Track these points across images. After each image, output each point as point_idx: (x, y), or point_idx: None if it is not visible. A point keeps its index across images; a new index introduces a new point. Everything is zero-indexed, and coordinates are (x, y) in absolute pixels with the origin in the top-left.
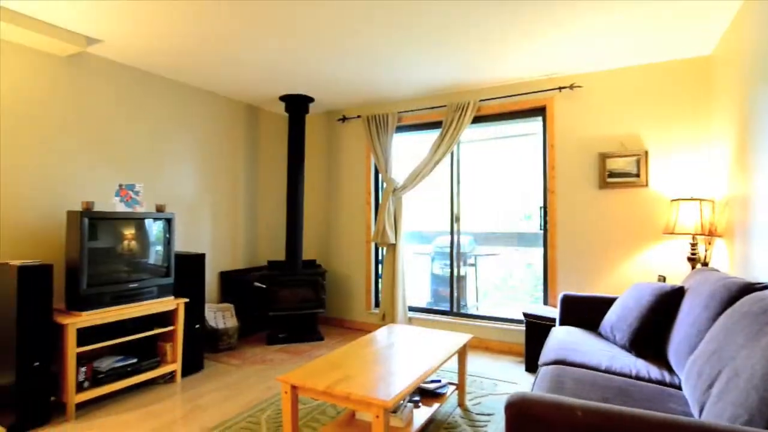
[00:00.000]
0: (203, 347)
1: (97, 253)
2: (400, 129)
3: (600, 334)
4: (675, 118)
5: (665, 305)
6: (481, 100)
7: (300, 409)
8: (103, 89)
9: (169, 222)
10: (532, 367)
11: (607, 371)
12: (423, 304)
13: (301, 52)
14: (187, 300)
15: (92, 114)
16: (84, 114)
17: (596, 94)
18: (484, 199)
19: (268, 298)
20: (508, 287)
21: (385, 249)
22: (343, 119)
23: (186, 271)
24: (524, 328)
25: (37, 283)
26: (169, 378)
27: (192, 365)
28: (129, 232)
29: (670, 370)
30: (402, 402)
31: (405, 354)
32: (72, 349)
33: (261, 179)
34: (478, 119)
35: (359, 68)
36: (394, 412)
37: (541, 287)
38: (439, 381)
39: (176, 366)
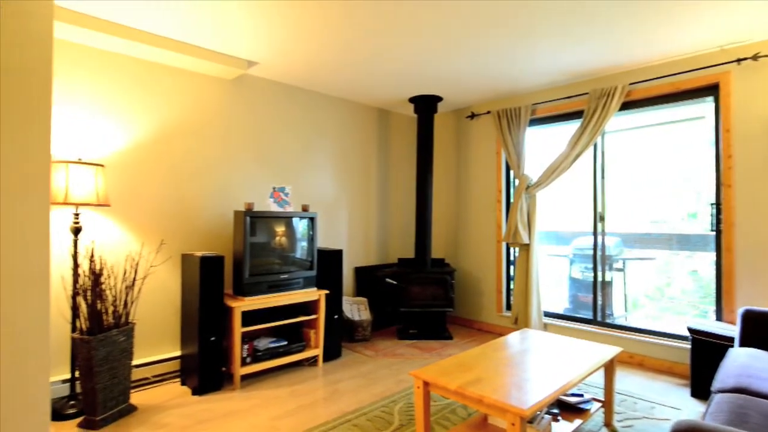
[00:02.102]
0: (341, 336)
1: (256, 247)
2: (534, 122)
3: None
4: None
5: None
6: (631, 84)
7: (431, 405)
8: (259, 105)
9: (312, 220)
10: (700, 392)
11: None
12: (560, 310)
13: (430, 53)
14: (327, 292)
15: (251, 127)
16: (244, 127)
17: None
18: (635, 196)
19: (399, 295)
20: (664, 297)
21: (517, 249)
22: (472, 116)
23: (326, 266)
24: (689, 346)
25: (213, 272)
26: (312, 361)
27: (331, 352)
28: (280, 229)
29: None
30: (539, 413)
31: (542, 362)
32: (238, 329)
33: (392, 179)
34: (627, 105)
35: (491, 62)
36: (531, 422)
37: (710, 299)
38: (582, 395)
39: (318, 351)
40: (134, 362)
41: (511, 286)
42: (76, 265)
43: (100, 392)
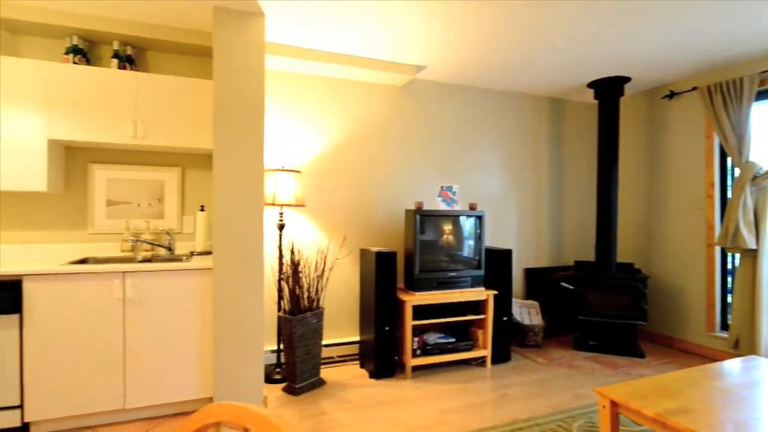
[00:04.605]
0: (510, 340)
1: (425, 245)
2: (762, 95)
3: None
4: None
5: None
6: None
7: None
8: (426, 107)
9: (480, 219)
10: None
11: None
12: None
13: (616, 28)
14: (496, 292)
15: (419, 129)
16: (413, 130)
17: None
18: None
19: (577, 301)
20: None
21: (738, 256)
22: (671, 95)
23: (494, 265)
24: None
25: (387, 266)
26: (480, 362)
27: (500, 355)
28: (447, 227)
29: None
30: None
31: None
32: (409, 321)
33: (566, 175)
34: None
35: (698, 26)
36: None
37: None
38: None
39: (486, 352)
40: (323, 342)
41: (729, 301)
42: (281, 256)
43: (299, 364)
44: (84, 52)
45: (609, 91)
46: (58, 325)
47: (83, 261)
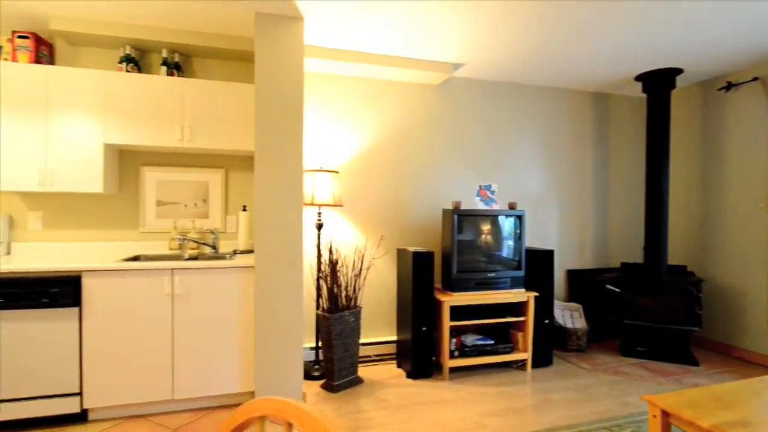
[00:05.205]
0: (552, 343)
1: (463, 245)
2: None
3: None
4: None
5: None
6: None
7: None
8: (463, 105)
9: (519, 219)
10: None
11: None
12: None
13: (670, 16)
14: (536, 294)
15: (456, 127)
16: (450, 128)
17: None
18: None
19: (623, 305)
20: None
21: None
22: (728, 87)
23: (534, 266)
24: None
25: (424, 266)
26: (520, 365)
27: (541, 359)
28: (486, 227)
29: None
30: None
31: None
32: (446, 322)
33: (612, 172)
34: None
35: (760, 8)
36: None
37: None
38: None
39: (527, 355)
40: (360, 341)
41: None
42: (319, 255)
43: (337, 362)
44: (136, 60)
45: (659, 83)
46: (113, 318)
47: (135, 258)
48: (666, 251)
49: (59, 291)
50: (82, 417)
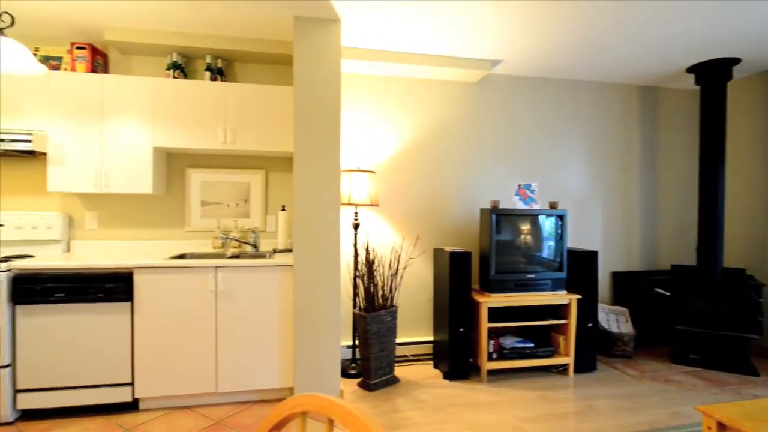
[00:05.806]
0: (596, 348)
1: (501, 245)
2: None
3: None
4: None
5: None
6: None
7: None
8: (501, 103)
9: (561, 218)
10: None
11: None
12: None
13: (721, 4)
14: (579, 296)
15: (494, 125)
16: (488, 126)
17: None
18: None
19: (674, 309)
20: None
21: None
22: None
23: (577, 268)
24: None
25: (461, 267)
26: (561, 370)
27: (584, 364)
28: (525, 227)
29: None
30: None
31: None
32: (484, 324)
33: (661, 170)
34: None
35: None
36: None
37: None
38: None
39: (569, 360)
40: (397, 340)
41: None
42: (356, 254)
43: (373, 361)
44: (182, 67)
45: (714, 75)
46: (162, 313)
47: (181, 256)
48: (722, 253)
49: (113, 286)
50: (133, 406)
